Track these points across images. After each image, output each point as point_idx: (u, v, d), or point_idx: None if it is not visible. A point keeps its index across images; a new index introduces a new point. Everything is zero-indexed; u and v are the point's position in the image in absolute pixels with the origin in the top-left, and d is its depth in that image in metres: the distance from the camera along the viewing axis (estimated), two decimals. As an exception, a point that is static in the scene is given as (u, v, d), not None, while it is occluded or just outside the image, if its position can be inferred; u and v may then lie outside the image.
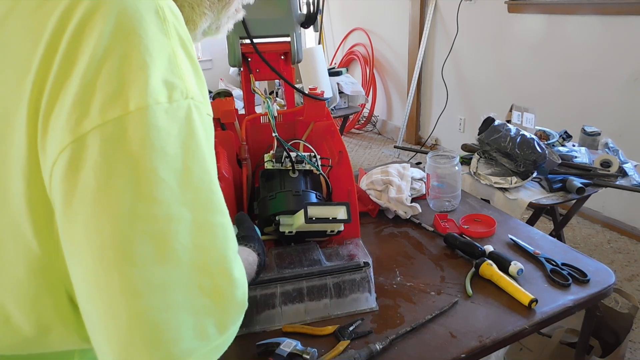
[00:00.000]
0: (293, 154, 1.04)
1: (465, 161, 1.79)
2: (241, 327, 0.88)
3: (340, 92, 3.41)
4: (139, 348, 0.37)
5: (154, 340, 0.38)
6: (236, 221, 0.85)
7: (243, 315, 0.46)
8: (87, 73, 0.38)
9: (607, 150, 1.79)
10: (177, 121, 0.40)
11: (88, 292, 0.39)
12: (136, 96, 0.38)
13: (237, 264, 0.45)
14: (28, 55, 0.40)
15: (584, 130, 1.89)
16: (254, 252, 0.75)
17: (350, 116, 3.81)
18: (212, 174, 0.43)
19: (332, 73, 3.50)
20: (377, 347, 0.81)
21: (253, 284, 0.84)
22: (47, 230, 0.41)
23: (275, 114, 1.22)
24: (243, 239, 0.77)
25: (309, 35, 5.22)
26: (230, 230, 0.45)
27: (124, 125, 0.37)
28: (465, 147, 1.88)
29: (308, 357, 0.80)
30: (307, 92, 1.14)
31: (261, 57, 1.03)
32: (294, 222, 0.96)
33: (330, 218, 0.94)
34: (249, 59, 1.16)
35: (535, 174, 1.61)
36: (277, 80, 2.88)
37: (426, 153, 1.42)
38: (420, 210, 1.28)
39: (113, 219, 0.37)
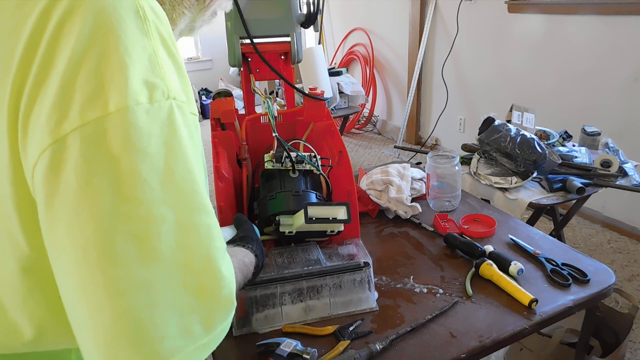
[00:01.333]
0: (293, 154, 1.04)
1: (465, 161, 1.79)
2: (241, 327, 0.87)
3: (340, 92, 3.41)
4: (123, 347, 0.37)
5: (138, 339, 0.38)
6: (235, 222, 0.85)
7: (232, 314, 0.46)
8: (66, 74, 0.37)
9: (607, 150, 1.79)
10: (158, 121, 0.40)
11: (72, 291, 0.39)
12: (116, 97, 0.38)
13: (225, 262, 0.45)
14: (8, 56, 0.39)
15: (584, 130, 1.89)
16: (251, 252, 0.74)
17: (350, 116, 3.81)
18: (196, 173, 0.43)
19: (332, 73, 3.50)
20: (377, 347, 0.81)
21: (252, 284, 0.84)
22: (36, 229, 0.41)
23: (275, 114, 1.22)
24: (241, 239, 0.77)
25: (309, 35, 5.22)
26: (216, 230, 0.45)
27: (104, 126, 0.37)
28: (465, 147, 1.88)
29: (308, 357, 0.80)
30: (307, 92, 1.14)
31: (261, 57, 1.03)
32: (294, 222, 0.96)
33: (330, 218, 0.94)
34: (249, 59, 1.16)
35: (535, 174, 1.61)
36: (277, 80, 2.88)
37: (426, 153, 1.42)
38: (421, 210, 1.28)
39: (95, 220, 0.37)
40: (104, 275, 0.37)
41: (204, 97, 5.57)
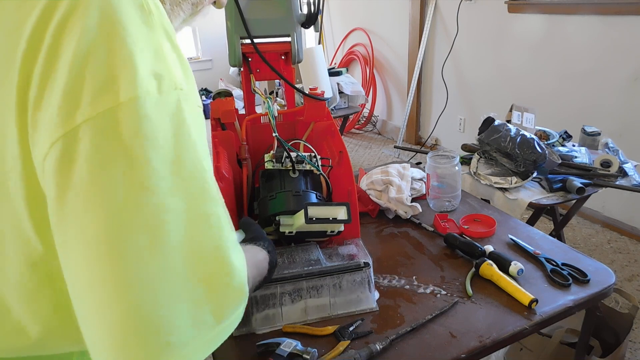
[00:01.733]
0: (293, 154, 1.04)
1: (465, 161, 1.79)
2: (241, 327, 0.87)
3: (340, 92, 3.41)
4: (135, 338, 0.37)
5: (150, 330, 0.38)
6: (242, 226, 0.84)
7: (243, 305, 0.46)
8: (74, 66, 0.38)
9: (607, 150, 1.79)
10: (167, 111, 0.40)
11: (82, 285, 0.39)
12: (126, 87, 0.38)
13: (235, 252, 0.45)
14: (11, 53, 0.39)
15: (584, 130, 1.89)
16: (263, 249, 0.74)
17: (350, 116, 3.81)
18: (205, 164, 0.43)
19: (332, 73, 3.50)
20: (377, 347, 0.81)
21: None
22: (47, 224, 0.41)
23: (276, 114, 1.22)
24: (252, 240, 0.77)
25: (309, 35, 5.22)
26: (225, 220, 0.45)
27: (115, 116, 0.37)
28: (465, 147, 1.88)
29: (308, 357, 0.80)
30: (307, 92, 1.14)
31: (262, 57, 1.03)
32: (294, 223, 0.96)
33: (331, 218, 0.94)
34: (250, 59, 1.16)
35: (535, 174, 1.61)
36: (277, 80, 2.88)
37: (426, 153, 1.42)
38: (421, 210, 1.28)
39: (107, 211, 0.37)
40: (115, 267, 0.37)
41: (204, 97, 5.57)
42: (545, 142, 1.80)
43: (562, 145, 1.85)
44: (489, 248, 1.07)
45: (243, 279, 0.46)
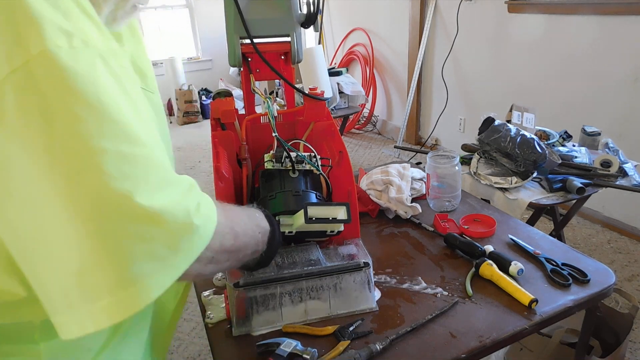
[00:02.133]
0: (293, 154, 1.03)
1: (465, 161, 1.79)
2: (241, 327, 0.87)
3: (340, 92, 3.42)
4: (95, 276, 0.42)
5: (107, 267, 0.42)
6: None
7: (197, 236, 0.50)
8: None
9: (607, 150, 1.79)
10: (80, 63, 0.42)
11: (33, 234, 0.41)
12: (35, 41, 0.40)
13: (164, 192, 0.47)
14: None
15: (584, 130, 1.90)
16: (254, 208, 0.78)
17: (350, 116, 3.81)
18: (125, 112, 0.45)
19: (332, 73, 3.51)
20: (377, 347, 0.81)
21: (252, 284, 0.83)
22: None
23: (275, 114, 1.22)
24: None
25: (309, 35, 5.23)
26: (155, 160, 0.47)
27: (30, 69, 0.40)
28: (465, 147, 1.88)
29: (308, 357, 0.80)
30: (307, 92, 1.14)
31: (261, 57, 1.03)
32: (294, 222, 0.96)
33: (330, 218, 0.94)
34: (249, 59, 1.16)
35: (535, 174, 1.61)
36: (277, 80, 2.88)
37: (426, 153, 1.42)
38: (421, 210, 1.28)
39: (43, 159, 0.40)
40: (65, 211, 0.41)
41: (204, 97, 5.57)
42: (545, 142, 1.80)
43: (562, 145, 1.85)
44: (489, 248, 1.07)
45: (179, 213, 0.48)
